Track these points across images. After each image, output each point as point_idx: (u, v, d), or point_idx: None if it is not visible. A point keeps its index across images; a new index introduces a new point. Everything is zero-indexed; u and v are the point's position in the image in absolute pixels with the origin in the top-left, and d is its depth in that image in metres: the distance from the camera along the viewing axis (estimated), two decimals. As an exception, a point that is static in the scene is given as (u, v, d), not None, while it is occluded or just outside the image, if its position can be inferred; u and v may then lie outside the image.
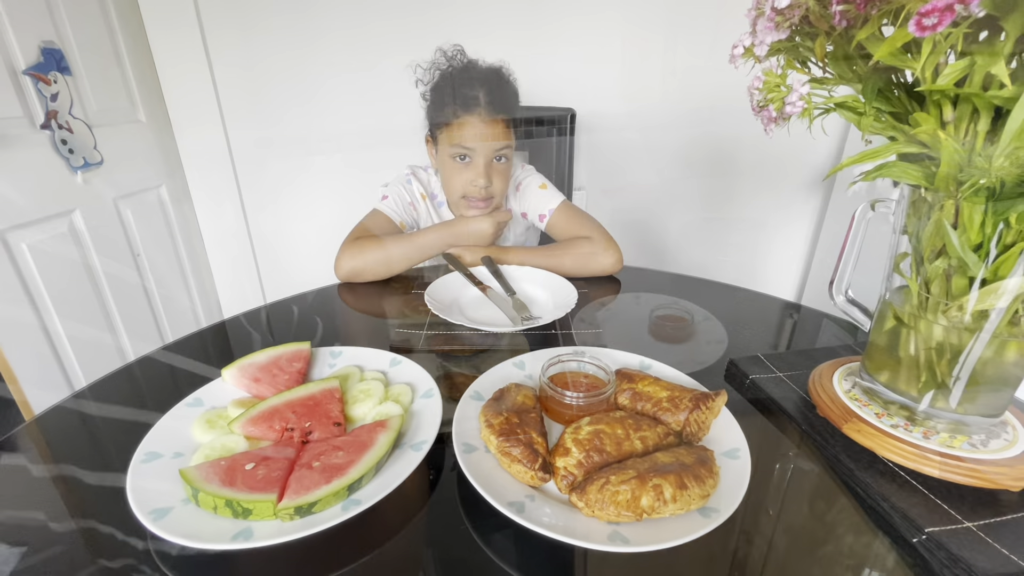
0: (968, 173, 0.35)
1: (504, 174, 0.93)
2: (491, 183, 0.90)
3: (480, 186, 0.89)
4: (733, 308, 0.78)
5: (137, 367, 0.61)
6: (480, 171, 0.89)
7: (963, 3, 0.27)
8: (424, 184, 1.02)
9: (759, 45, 0.41)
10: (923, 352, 0.43)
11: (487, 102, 0.86)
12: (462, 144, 0.87)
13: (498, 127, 0.87)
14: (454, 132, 0.88)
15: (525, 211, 1.02)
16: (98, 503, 0.41)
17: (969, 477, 0.41)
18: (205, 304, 1.80)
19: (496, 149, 0.88)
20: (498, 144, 0.88)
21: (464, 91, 0.86)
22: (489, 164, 0.89)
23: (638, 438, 0.43)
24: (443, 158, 0.92)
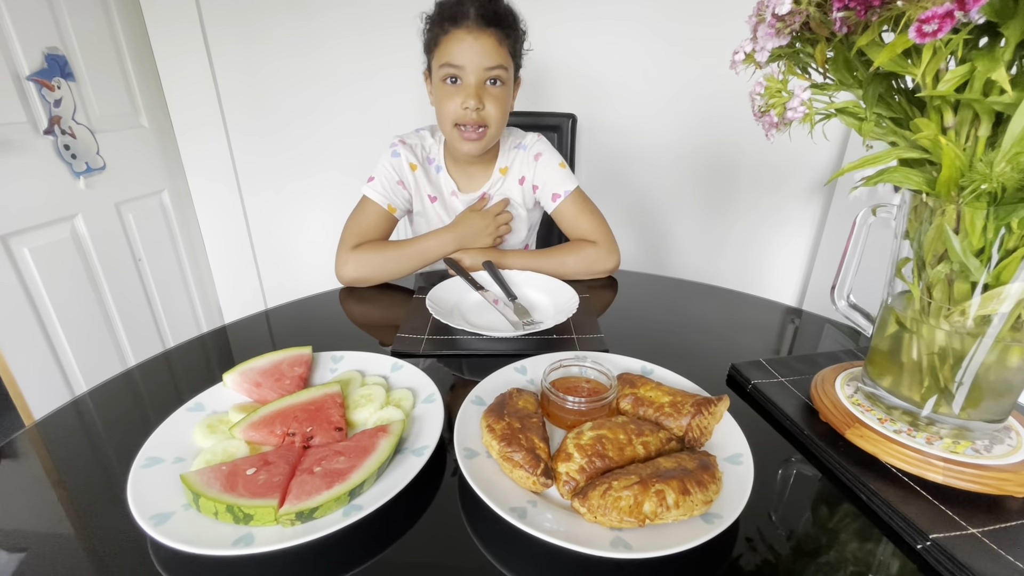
0: (969, 178, 0.35)
1: (499, 99, 0.85)
2: (483, 105, 0.83)
3: (471, 107, 0.82)
4: (735, 313, 0.78)
5: (138, 372, 0.61)
6: (470, 91, 0.82)
7: (963, 10, 0.27)
8: (414, 150, 0.95)
9: (760, 51, 0.41)
10: (926, 357, 0.43)
11: (478, 13, 0.79)
12: (451, 62, 0.81)
13: (490, 41, 0.80)
14: (442, 50, 0.82)
15: (537, 184, 0.95)
16: (98, 509, 0.41)
17: (973, 483, 0.40)
18: (206, 308, 1.81)
19: (488, 67, 0.81)
20: (490, 61, 0.81)
21: (453, 5, 0.80)
22: (481, 85, 0.83)
23: (640, 443, 0.43)
24: (436, 86, 0.86)
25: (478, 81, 0.82)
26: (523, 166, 0.96)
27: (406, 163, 0.94)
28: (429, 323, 0.70)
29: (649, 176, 1.56)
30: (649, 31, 1.37)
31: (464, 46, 0.80)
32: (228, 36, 1.49)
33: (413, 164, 0.95)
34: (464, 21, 0.80)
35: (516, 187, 0.97)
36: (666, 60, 1.40)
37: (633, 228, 1.65)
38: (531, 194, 0.98)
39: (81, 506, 0.41)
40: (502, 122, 0.88)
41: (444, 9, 0.81)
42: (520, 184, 0.97)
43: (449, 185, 0.96)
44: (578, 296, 0.74)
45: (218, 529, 0.36)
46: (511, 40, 0.84)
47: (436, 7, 0.83)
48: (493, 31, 0.81)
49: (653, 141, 1.50)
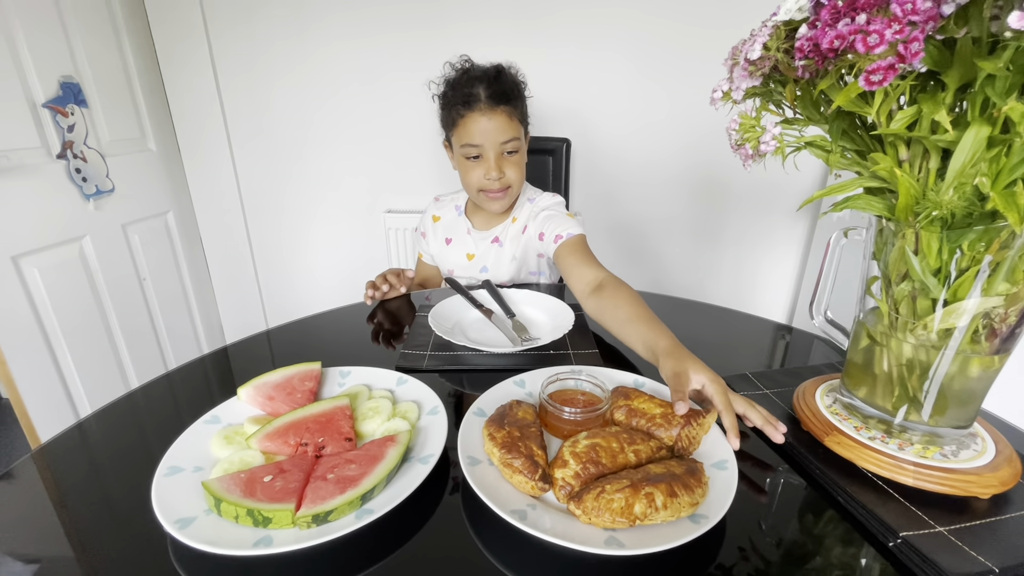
0: (923, 205, 0.39)
1: (517, 164, 0.96)
2: (503, 174, 0.94)
3: (492, 178, 0.93)
4: (726, 330, 0.81)
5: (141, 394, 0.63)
6: (491, 164, 0.92)
7: (903, 63, 0.31)
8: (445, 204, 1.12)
9: (736, 90, 0.45)
10: (895, 368, 0.46)
11: (487, 96, 0.89)
12: (470, 142, 0.91)
13: (501, 118, 0.90)
14: (460, 132, 0.92)
15: (544, 231, 0.98)
16: (114, 521, 0.43)
17: (941, 485, 0.43)
18: (207, 327, 1.83)
19: (502, 141, 0.91)
20: (504, 136, 0.91)
21: (465, 90, 0.90)
22: (499, 156, 0.93)
23: (632, 451, 0.46)
24: (458, 160, 0.97)
25: (497, 154, 0.92)
26: (528, 217, 1.04)
27: (429, 217, 1.12)
28: (432, 340, 0.73)
29: (642, 198, 1.61)
30: (640, 61, 1.44)
31: (480, 127, 0.90)
32: (235, 63, 1.55)
33: (436, 216, 1.12)
34: (477, 104, 0.89)
35: (519, 234, 1.05)
36: (657, 87, 1.46)
37: (626, 248, 1.69)
38: (534, 242, 1.02)
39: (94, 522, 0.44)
40: (522, 179, 0.99)
41: (457, 94, 0.91)
42: (523, 232, 1.04)
43: (465, 224, 1.09)
44: (574, 313, 0.77)
45: (238, 532, 0.39)
46: (519, 110, 0.94)
47: (449, 90, 0.93)
48: (503, 108, 0.90)
49: (645, 164, 1.56)
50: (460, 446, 0.47)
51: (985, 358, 0.43)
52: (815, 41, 0.35)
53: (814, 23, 0.36)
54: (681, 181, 1.57)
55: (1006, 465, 0.45)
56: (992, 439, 0.48)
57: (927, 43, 0.32)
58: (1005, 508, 0.42)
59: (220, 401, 0.55)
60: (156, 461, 0.46)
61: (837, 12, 0.34)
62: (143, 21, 1.50)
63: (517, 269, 1.06)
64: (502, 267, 1.05)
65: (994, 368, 0.44)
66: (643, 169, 1.57)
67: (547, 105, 1.51)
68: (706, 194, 1.58)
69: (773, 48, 0.41)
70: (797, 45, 0.37)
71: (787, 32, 0.41)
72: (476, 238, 1.07)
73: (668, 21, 1.39)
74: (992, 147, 0.35)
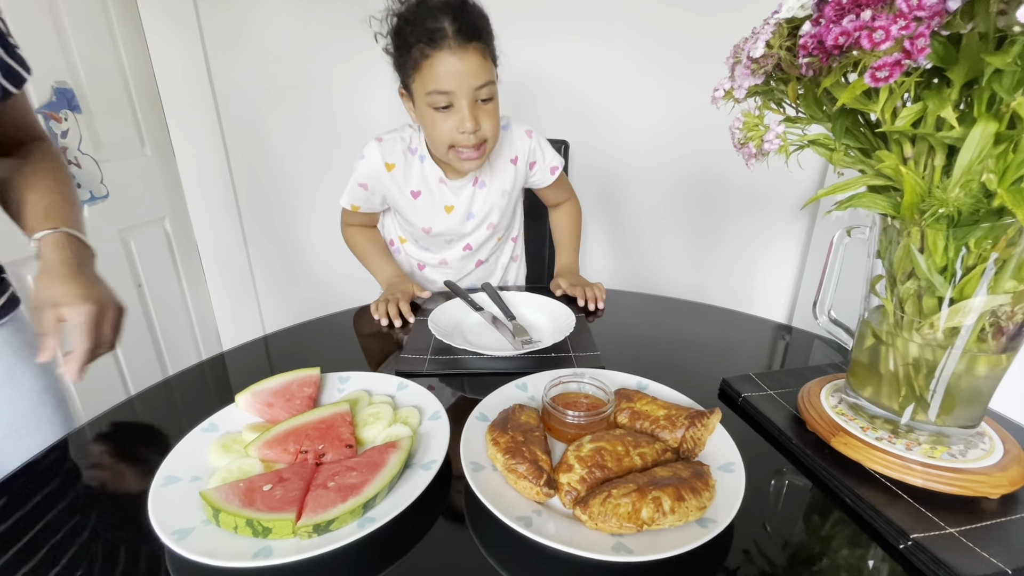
0: (929, 203, 0.38)
1: (493, 115, 0.82)
2: (479, 126, 0.80)
3: (467, 130, 0.79)
4: (726, 330, 0.81)
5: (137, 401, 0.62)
6: (465, 114, 0.77)
7: (909, 59, 0.31)
8: (392, 146, 0.92)
9: (738, 89, 0.45)
10: (901, 368, 0.46)
11: (455, 31, 0.73)
12: (437, 88, 0.76)
13: (473, 58, 0.75)
14: (425, 76, 0.76)
15: (535, 160, 0.96)
16: (109, 535, 0.42)
17: (950, 485, 0.43)
18: (204, 333, 1.81)
19: (477, 86, 0.77)
20: (479, 79, 0.76)
21: (426, 24, 0.73)
22: (474, 105, 0.78)
23: (637, 454, 0.45)
24: (421, 110, 0.81)
25: (471, 102, 0.78)
26: (513, 146, 0.94)
27: (378, 165, 0.91)
28: (431, 343, 0.72)
29: (640, 198, 1.60)
30: (639, 56, 1.43)
31: (450, 69, 0.75)
32: (231, 69, 1.54)
33: (390, 164, 0.91)
34: (443, 41, 0.73)
35: (509, 168, 0.94)
36: (655, 86, 1.46)
37: (625, 248, 1.69)
38: (524, 173, 0.95)
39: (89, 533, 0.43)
40: (498, 133, 0.85)
41: (417, 30, 0.74)
42: (513, 164, 0.94)
43: (435, 173, 0.93)
44: (574, 315, 0.77)
45: (238, 543, 0.38)
46: (491, 48, 0.79)
47: (402, 23, 0.77)
48: (475, 45, 0.75)
49: (643, 164, 1.56)
50: (463, 452, 0.47)
51: (992, 357, 0.43)
52: (819, 38, 0.34)
53: (817, 20, 0.36)
54: (679, 181, 1.57)
55: (1015, 464, 0.44)
56: (1000, 438, 0.48)
57: (933, 39, 0.32)
58: (1015, 508, 0.42)
59: (218, 408, 0.54)
60: (153, 470, 0.45)
61: (841, 8, 0.33)
62: (138, 27, 1.49)
63: (510, 205, 0.98)
64: (491, 207, 0.96)
65: (1001, 367, 0.43)
66: (641, 169, 1.56)
67: (545, 105, 1.50)
68: (704, 193, 1.58)
69: (776, 46, 0.41)
70: (801, 42, 0.36)
71: (790, 30, 0.41)
72: (453, 187, 0.93)
73: (668, 18, 1.39)
74: (999, 143, 0.34)
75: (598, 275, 1.71)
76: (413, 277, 1.09)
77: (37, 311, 0.54)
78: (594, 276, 1.00)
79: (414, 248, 1.07)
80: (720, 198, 1.57)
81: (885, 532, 0.41)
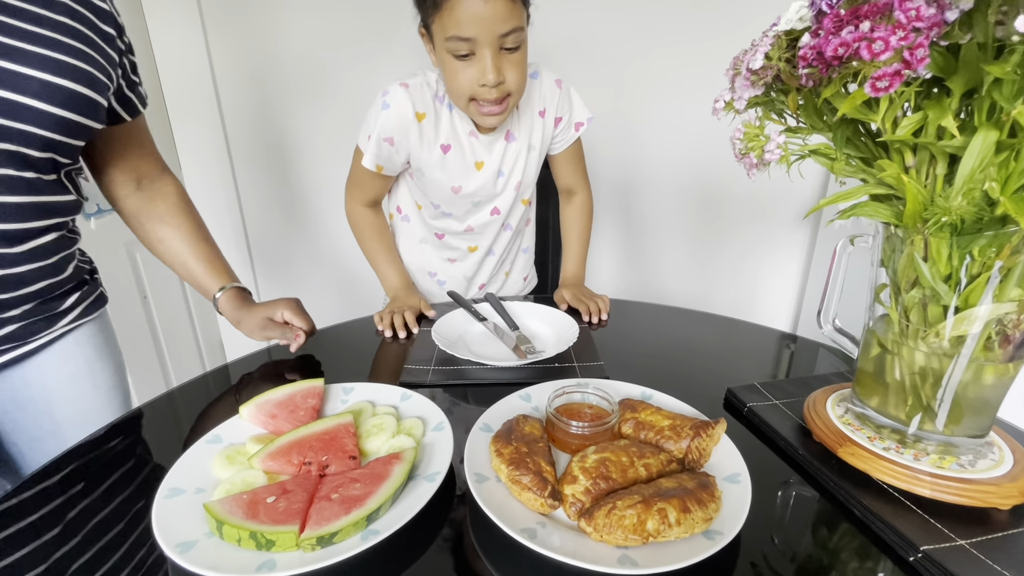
0: (931, 212, 0.38)
1: (519, 64, 0.73)
2: (503, 78, 0.72)
3: (489, 82, 0.71)
4: (730, 339, 0.80)
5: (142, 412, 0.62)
6: (487, 65, 0.70)
7: (909, 69, 0.31)
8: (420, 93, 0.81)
9: (738, 100, 0.45)
10: (908, 377, 0.46)
11: None
12: (458, 34, 0.68)
13: (500, 2, 0.67)
14: (445, 18, 0.68)
15: (561, 115, 0.88)
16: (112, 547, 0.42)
17: (959, 496, 0.42)
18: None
19: (502, 33, 0.69)
20: (505, 26, 0.68)
21: None
22: (497, 55, 0.71)
23: (642, 465, 0.45)
24: (441, 56, 0.73)
25: (494, 51, 0.70)
26: (543, 97, 0.86)
27: (407, 114, 0.80)
28: (435, 354, 0.72)
29: (642, 207, 1.61)
30: (640, 68, 1.45)
31: (473, 13, 0.67)
32: (237, 81, 1.56)
33: (420, 113, 0.81)
34: None
35: (537, 121, 0.87)
36: (657, 94, 1.47)
37: (627, 257, 1.69)
38: (551, 130, 0.88)
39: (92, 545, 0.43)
40: (523, 85, 0.77)
41: None
42: (541, 117, 0.86)
43: (466, 125, 0.84)
44: (578, 325, 0.77)
45: (241, 555, 0.38)
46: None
47: None
48: None
49: (646, 173, 1.56)
50: (467, 463, 0.46)
51: (999, 365, 0.42)
52: (819, 49, 0.35)
53: (816, 32, 0.36)
54: (682, 189, 1.57)
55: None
56: (1009, 448, 0.47)
57: (932, 49, 0.32)
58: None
59: (222, 420, 0.54)
60: (157, 482, 0.45)
61: (840, 21, 0.34)
62: (146, 44, 1.51)
63: (533, 165, 0.90)
64: (521, 164, 0.87)
65: (1009, 375, 0.43)
66: (643, 178, 1.57)
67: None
68: (706, 202, 1.58)
69: (775, 57, 0.41)
70: (800, 54, 0.37)
71: (788, 42, 0.41)
72: (485, 142, 0.85)
73: (668, 28, 1.41)
74: (1000, 152, 0.34)
75: (601, 284, 1.71)
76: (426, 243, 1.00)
77: (253, 332, 0.73)
78: (597, 285, 0.99)
79: (433, 216, 0.96)
80: (722, 207, 1.58)
81: (894, 544, 0.40)
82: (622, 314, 0.90)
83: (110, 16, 0.65)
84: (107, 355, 0.76)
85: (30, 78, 0.53)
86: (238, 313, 0.74)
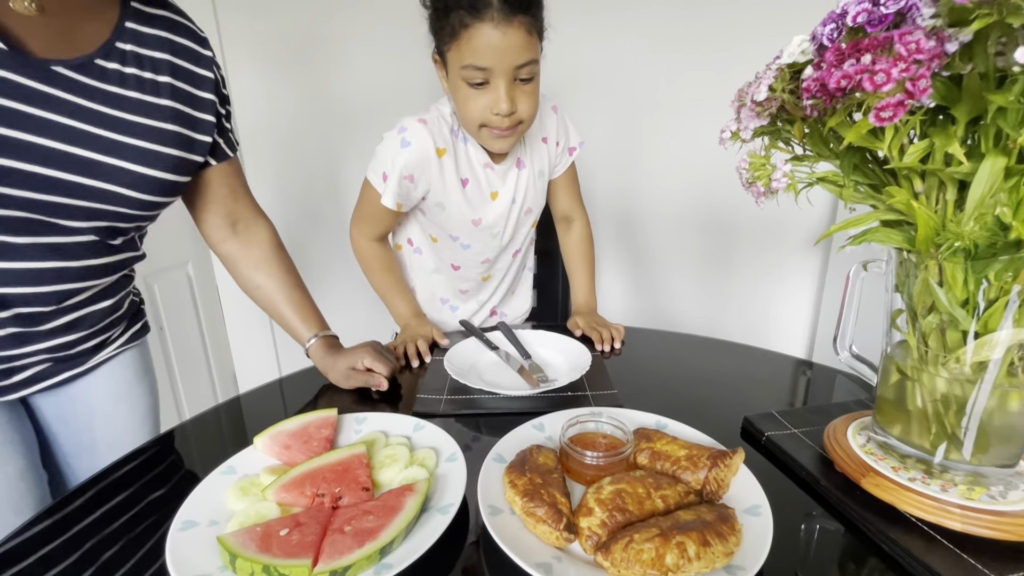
0: (944, 237, 0.38)
1: (532, 95, 0.75)
2: (515, 108, 0.73)
3: (502, 112, 0.73)
4: (745, 366, 0.79)
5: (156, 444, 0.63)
6: (501, 95, 0.71)
7: (913, 99, 0.32)
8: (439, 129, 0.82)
9: (744, 130, 0.46)
10: (930, 404, 0.45)
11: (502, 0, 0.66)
12: (475, 63, 0.70)
13: (518, 34, 0.68)
14: (462, 48, 0.70)
15: (559, 140, 0.91)
16: (136, 573, 0.42)
17: (991, 529, 0.41)
18: (221, 376, 1.83)
19: (518, 65, 0.70)
20: (521, 58, 0.70)
21: None
22: (511, 85, 0.72)
23: (659, 497, 0.44)
24: (455, 82, 0.75)
25: (508, 82, 0.72)
26: (544, 124, 0.88)
27: (428, 151, 0.81)
28: (447, 383, 0.72)
29: (653, 234, 1.62)
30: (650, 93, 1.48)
31: (491, 44, 0.68)
32: (257, 110, 1.62)
33: (441, 149, 0.82)
34: (487, 11, 0.67)
35: (542, 148, 0.88)
36: (665, 121, 1.49)
37: (639, 284, 1.69)
38: (554, 154, 0.90)
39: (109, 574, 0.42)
40: (535, 114, 0.78)
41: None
42: (544, 143, 0.88)
43: (481, 157, 0.86)
44: (590, 353, 0.76)
45: (254, 590, 0.38)
46: (539, 21, 0.72)
47: None
48: (522, 19, 0.68)
49: (656, 199, 1.58)
50: (480, 494, 0.46)
51: (1024, 392, 0.41)
52: (822, 81, 0.35)
53: (819, 64, 0.37)
54: (692, 218, 1.58)
55: (1060, 506, 0.42)
56: (1041, 478, 0.46)
57: (934, 79, 0.33)
58: (1064, 554, 0.40)
59: (235, 451, 0.54)
60: (171, 514, 0.45)
61: (841, 54, 0.35)
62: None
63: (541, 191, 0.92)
64: (532, 191, 0.90)
65: (1035, 402, 0.42)
66: (653, 205, 1.58)
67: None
68: (716, 228, 1.58)
69: (779, 89, 0.42)
70: (804, 85, 0.38)
71: (791, 74, 0.42)
72: (500, 172, 0.86)
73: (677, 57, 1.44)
74: (1010, 177, 0.35)
75: (613, 311, 1.70)
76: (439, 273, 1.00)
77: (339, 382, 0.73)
78: (608, 314, 0.98)
79: (451, 248, 0.96)
80: (732, 233, 1.58)
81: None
82: (634, 342, 0.89)
83: (211, 82, 0.67)
84: (145, 380, 0.80)
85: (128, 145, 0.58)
86: (325, 363, 0.74)
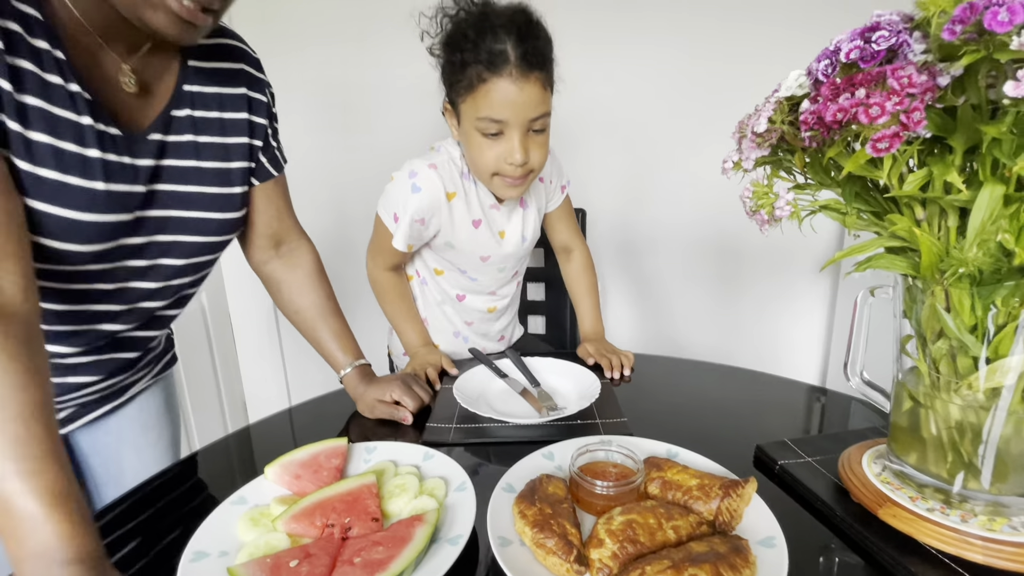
0: (948, 263, 0.39)
1: (543, 146, 0.77)
2: (528, 158, 0.75)
3: (516, 162, 0.74)
4: (757, 393, 0.78)
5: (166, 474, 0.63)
6: (515, 146, 0.73)
7: (908, 130, 0.33)
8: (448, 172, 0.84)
9: (746, 160, 0.47)
10: (945, 432, 0.44)
11: (519, 56, 0.68)
12: (491, 116, 0.71)
13: (533, 89, 0.70)
14: (479, 100, 0.71)
15: (553, 178, 0.96)
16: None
17: (1015, 562, 0.40)
18: (231, 404, 1.84)
19: (532, 117, 0.72)
20: (535, 111, 0.72)
21: (487, 43, 0.68)
22: (525, 136, 0.74)
23: (671, 527, 0.44)
24: (467, 132, 0.76)
25: (522, 133, 0.74)
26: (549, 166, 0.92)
27: (439, 196, 0.83)
28: (456, 412, 0.72)
29: (660, 260, 1.62)
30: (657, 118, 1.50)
31: (508, 98, 0.70)
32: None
33: (451, 193, 0.84)
34: (504, 68, 0.69)
35: (540, 187, 0.93)
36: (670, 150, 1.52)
37: (646, 311, 1.68)
38: (549, 191, 0.95)
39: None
40: (544, 163, 0.81)
41: (478, 49, 0.69)
42: (541, 182, 0.93)
43: (488, 199, 0.88)
44: (599, 381, 0.76)
45: (263, 623, 0.37)
46: (551, 76, 0.75)
47: (459, 35, 0.71)
48: (537, 75, 0.70)
49: (663, 226, 1.59)
50: (490, 525, 0.45)
51: (1041, 418, 0.41)
52: (819, 114, 0.37)
53: (815, 98, 0.38)
54: (700, 243, 1.59)
55: (1086, 538, 0.41)
56: (1065, 508, 0.45)
57: (928, 111, 0.34)
58: (1093, 588, 0.38)
59: (245, 480, 0.55)
60: (182, 545, 0.45)
61: (836, 88, 0.36)
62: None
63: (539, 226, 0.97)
64: (530, 228, 0.94)
65: (1053, 429, 0.41)
66: (660, 231, 1.59)
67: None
68: (723, 255, 1.59)
69: (778, 121, 0.43)
70: (802, 118, 0.39)
71: (790, 106, 0.43)
72: (505, 212, 0.90)
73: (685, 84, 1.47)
74: (1009, 204, 0.35)
75: (620, 339, 1.70)
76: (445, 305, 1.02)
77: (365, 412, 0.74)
78: (616, 341, 0.98)
79: (458, 280, 0.99)
80: (739, 260, 1.58)
81: (949, 616, 0.37)
82: (644, 369, 0.89)
83: (264, 106, 0.67)
84: (172, 410, 0.82)
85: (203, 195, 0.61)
86: (356, 392, 0.75)
